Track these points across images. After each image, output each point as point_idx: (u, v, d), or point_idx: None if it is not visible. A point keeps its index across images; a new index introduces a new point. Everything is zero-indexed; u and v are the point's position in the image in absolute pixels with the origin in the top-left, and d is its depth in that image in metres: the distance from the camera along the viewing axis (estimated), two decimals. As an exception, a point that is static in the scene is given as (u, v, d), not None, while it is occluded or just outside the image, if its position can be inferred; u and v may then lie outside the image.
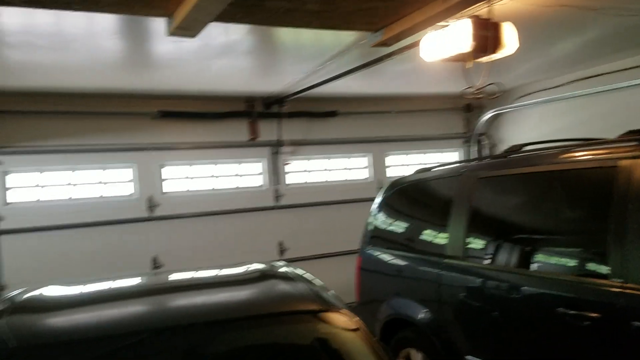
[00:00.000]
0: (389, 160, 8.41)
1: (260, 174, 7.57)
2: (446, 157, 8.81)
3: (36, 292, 2.77)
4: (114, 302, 2.63)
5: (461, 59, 3.96)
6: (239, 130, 7.32)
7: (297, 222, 7.60)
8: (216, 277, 3.17)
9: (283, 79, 6.12)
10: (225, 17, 2.69)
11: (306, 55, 5.03)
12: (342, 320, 2.30)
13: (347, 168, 8.15)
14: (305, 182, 7.82)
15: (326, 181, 7.95)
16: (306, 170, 7.87)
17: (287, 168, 7.59)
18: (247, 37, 4.31)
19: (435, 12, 2.74)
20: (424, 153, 8.67)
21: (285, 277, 2.84)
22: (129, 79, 5.66)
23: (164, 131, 6.89)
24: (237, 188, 7.39)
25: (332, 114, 7.74)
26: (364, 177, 8.21)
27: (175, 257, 6.85)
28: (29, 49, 4.35)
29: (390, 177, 8.17)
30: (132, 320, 2.29)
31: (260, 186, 7.53)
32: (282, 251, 7.49)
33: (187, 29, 2.65)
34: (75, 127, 6.44)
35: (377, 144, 8.18)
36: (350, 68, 5.30)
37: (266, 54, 5.06)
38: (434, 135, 8.55)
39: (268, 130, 7.46)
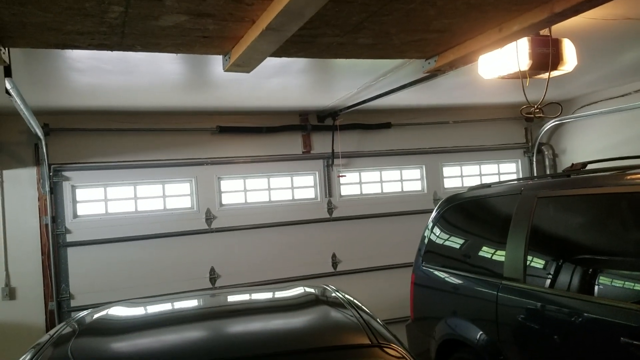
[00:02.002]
0: (445, 171, 8.28)
1: (313, 186, 7.63)
2: (504, 168, 8.60)
3: (102, 314, 2.91)
4: (172, 327, 2.72)
5: (519, 76, 3.88)
6: (293, 143, 7.42)
7: (350, 235, 7.61)
8: (268, 301, 3.23)
9: (336, 94, 6.16)
10: (279, 53, 2.76)
11: (360, 71, 5.04)
12: (392, 355, 2.29)
13: (401, 180, 8.08)
14: (359, 194, 7.81)
15: (379, 193, 7.91)
16: (359, 182, 7.85)
17: (340, 180, 7.61)
18: (301, 58, 4.37)
19: (491, 41, 2.70)
20: (481, 164, 8.48)
21: (336, 304, 2.86)
22: (189, 97, 5.85)
23: (222, 146, 7.07)
24: (291, 200, 7.48)
25: (386, 126, 7.71)
26: (418, 189, 8.13)
27: (231, 268, 7.02)
28: (96, 73, 4.57)
29: (447, 189, 8.08)
30: (192, 349, 2.36)
31: (314, 198, 7.59)
32: (335, 264, 7.52)
33: (243, 65, 2.73)
34: (138, 143, 6.72)
35: (431, 155, 8.07)
36: (404, 83, 5.27)
37: (320, 71, 5.11)
38: (492, 146, 8.35)
39: (321, 143, 7.51)
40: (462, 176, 8.36)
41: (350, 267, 7.54)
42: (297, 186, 7.56)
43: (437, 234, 4.92)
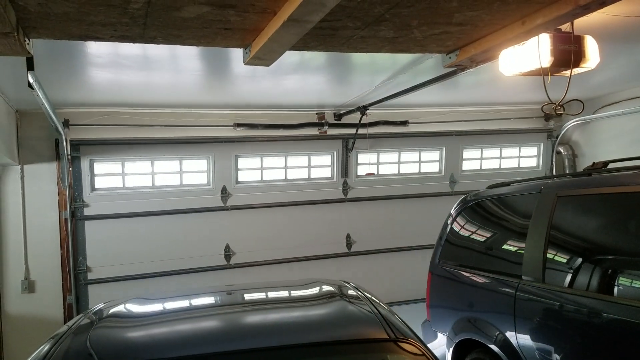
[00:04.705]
0: (465, 154, 8.16)
1: (329, 166, 7.56)
2: (525, 152, 8.48)
3: (120, 307, 2.95)
4: (190, 321, 2.75)
5: (540, 73, 3.84)
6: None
7: (365, 215, 7.61)
8: (288, 297, 3.24)
9: (354, 91, 6.13)
10: (299, 46, 2.77)
11: (378, 68, 5.03)
12: (409, 351, 2.29)
13: (419, 161, 7.98)
14: (375, 176, 7.75)
15: (396, 174, 7.84)
16: (377, 163, 7.77)
17: (358, 160, 7.54)
18: (319, 55, 4.37)
19: (514, 34, 2.67)
20: (502, 147, 8.35)
21: (353, 300, 2.86)
22: (207, 94, 5.88)
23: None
24: (307, 179, 7.44)
25: (403, 124, 7.66)
26: (435, 170, 8.03)
27: (245, 245, 7.07)
28: (115, 69, 4.61)
29: (464, 171, 8.04)
30: (207, 341, 2.37)
31: (330, 178, 7.54)
32: (349, 244, 7.54)
33: (263, 58, 2.74)
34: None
35: (453, 137, 7.90)
36: (423, 81, 5.23)
37: (338, 68, 5.10)
38: (514, 129, 8.19)
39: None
40: (482, 159, 8.25)
41: (364, 247, 7.55)
42: (314, 165, 7.50)
43: (455, 232, 4.88)
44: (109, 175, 6.66)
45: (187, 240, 6.83)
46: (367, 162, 7.67)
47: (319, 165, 7.53)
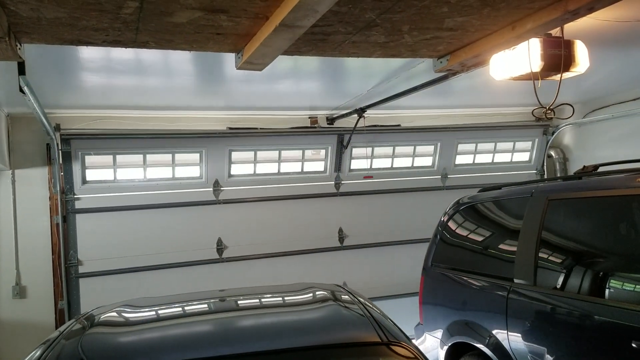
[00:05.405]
0: (459, 148, 8.14)
1: (322, 159, 7.53)
2: (518, 146, 8.49)
3: (112, 313, 2.94)
4: (182, 326, 2.74)
5: (531, 77, 3.87)
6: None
7: (357, 209, 7.60)
8: (280, 300, 3.24)
9: (348, 94, 6.15)
10: (291, 50, 2.78)
11: (371, 72, 5.04)
12: (402, 354, 2.30)
13: (413, 155, 7.96)
14: (368, 170, 7.75)
15: (389, 168, 7.82)
16: (371, 157, 7.73)
17: (352, 154, 7.52)
18: (311, 59, 4.38)
19: (504, 39, 2.70)
20: (497, 141, 8.33)
21: (346, 303, 2.87)
22: (200, 97, 5.89)
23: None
24: (300, 173, 7.41)
25: (395, 127, 7.68)
26: (428, 164, 8.02)
27: (238, 239, 7.04)
28: (108, 73, 4.61)
29: (457, 165, 8.05)
30: (199, 346, 2.36)
31: (323, 172, 7.51)
32: (341, 238, 7.53)
33: (255, 63, 2.75)
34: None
35: (448, 132, 7.86)
36: (415, 85, 5.26)
37: (330, 72, 5.12)
38: (508, 123, 8.18)
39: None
40: (475, 153, 8.23)
41: (356, 241, 7.55)
42: (307, 159, 7.45)
43: (448, 236, 4.91)
44: (100, 167, 6.56)
45: (179, 233, 6.78)
46: (362, 156, 7.63)
47: (313, 159, 7.49)
